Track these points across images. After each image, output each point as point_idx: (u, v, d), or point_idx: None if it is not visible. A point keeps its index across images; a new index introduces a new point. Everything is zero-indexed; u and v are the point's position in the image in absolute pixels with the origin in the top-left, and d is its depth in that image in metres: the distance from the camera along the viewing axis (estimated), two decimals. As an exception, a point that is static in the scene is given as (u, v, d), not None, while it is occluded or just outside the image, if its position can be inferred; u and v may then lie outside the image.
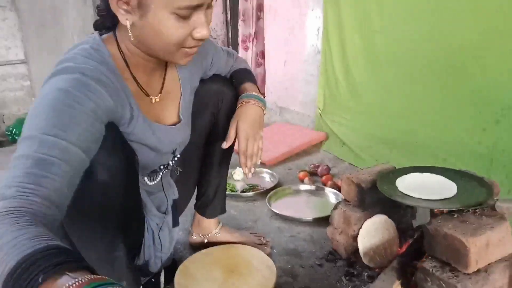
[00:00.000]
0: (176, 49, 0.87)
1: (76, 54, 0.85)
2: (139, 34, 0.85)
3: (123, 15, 0.82)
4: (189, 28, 0.83)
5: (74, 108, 0.73)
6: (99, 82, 0.81)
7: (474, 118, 1.69)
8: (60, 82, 0.76)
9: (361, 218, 1.30)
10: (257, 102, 1.20)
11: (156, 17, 0.80)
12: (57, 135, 0.69)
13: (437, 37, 1.80)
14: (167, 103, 1.07)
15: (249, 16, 3.52)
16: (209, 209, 1.43)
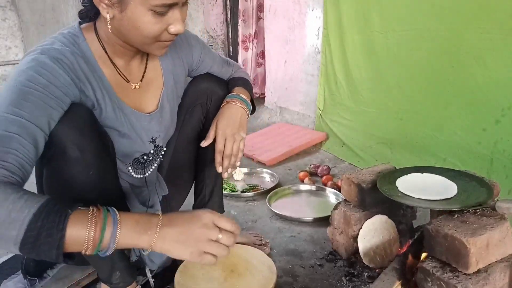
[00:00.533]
0: (152, 42, 0.92)
1: (51, 37, 0.92)
2: (118, 26, 0.91)
3: (104, 8, 0.88)
4: (165, 23, 0.89)
5: (25, 86, 0.80)
6: (56, 60, 0.86)
7: (474, 118, 1.69)
8: (21, 64, 0.84)
9: (361, 218, 1.30)
10: (240, 103, 1.20)
11: (134, 12, 0.86)
12: (12, 112, 0.76)
13: (438, 37, 1.80)
14: (148, 92, 1.10)
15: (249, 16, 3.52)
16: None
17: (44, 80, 0.82)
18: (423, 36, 1.87)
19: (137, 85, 1.06)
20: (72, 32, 0.94)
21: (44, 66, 0.83)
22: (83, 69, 0.92)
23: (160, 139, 1.16)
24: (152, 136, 1.12)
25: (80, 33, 0.95)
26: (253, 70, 3.60)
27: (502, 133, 1.58)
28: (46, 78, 0.83)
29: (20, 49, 3.31)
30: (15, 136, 0.75)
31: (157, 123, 1.12)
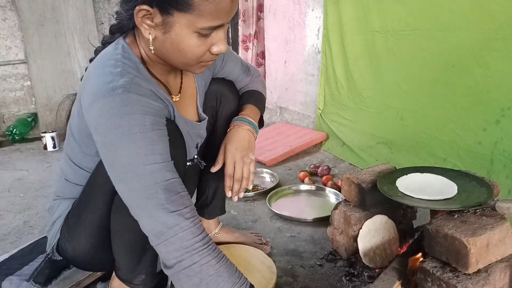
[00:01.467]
0: (194, 62, 0.91)
1: (108, 66, 0.87)
2: (159, 47, 0.88)
3: (146, 29, 0.85)
4: (208, 44, 0.87)
5: (144, 131, 0.80)
6: (141, 93, 0.84)
7: (474, 118, 1.69)
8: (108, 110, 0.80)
9: (362, 218, 1.30)
10: (248, 126, 1.19)
11: (179, 35, 0.84)
12: (156, 160, 0.80)
13: (437, 37, 1.80)
14: (186, 103, 1.11)
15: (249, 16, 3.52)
16: (208, 210, 1.43)
17: (149, 117, 0.82)
18: (423, 36, 1.87)
19: (177, 98, 1.05)
20: (127, 56, 0.90)
21: (139, 103, 0.81)
22: (153, 91, 0.90)
23: (200, 143, 1.21)
24: (197, 142, 1.17)
25: (133, 54, 0.92)
26: (253, 70, 3.60)
27: (502, 133, 1.58)
28: (148, 113, 0.82)
29: (20, 49, 3.32)
30: (174, 180, 0.82)
31: (204, 130, 1.17)
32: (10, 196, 2.12)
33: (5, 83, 3.36)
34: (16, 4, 3.12)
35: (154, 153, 0.80)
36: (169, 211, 0.78)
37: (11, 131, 3.17)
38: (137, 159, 0.79)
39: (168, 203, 0.79)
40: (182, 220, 0.79)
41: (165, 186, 0.79)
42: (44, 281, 1.20)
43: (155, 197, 0.79)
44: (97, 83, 0.85)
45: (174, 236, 0.79)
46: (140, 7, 0.81)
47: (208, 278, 0.79)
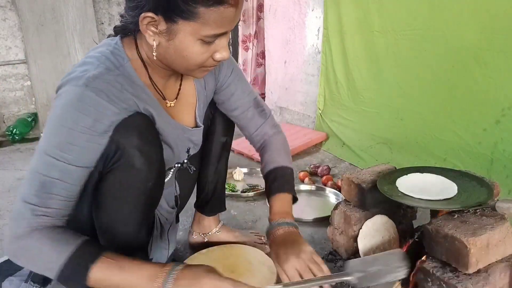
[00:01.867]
0: (197, 68, 0.92)
1: (95, 56, 0.91)
2: (163, 52, 0.90)
3: (150, 36, 0.86)
4: (211, 51, 0.88)
5: (71, 129, 0.83)
6: (101, 92, 0.85)
7: (474, 118, 1.69)
8: (65, 96, 0.84)
9: (362, 218, 1.30)
10: (293, 229, 1.04)
11: (183, 42, 0.85)
12: (56, 155, 0.83)
13: (437, 37, 1.80)
14: (182, 109, 1.11)
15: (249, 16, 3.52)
16: (208, 207, 1.43)
17: (90, 119, 0.83)
18: (423, 36, 1.87)
19: (172, 103, 1.06)
20: (116, 53, 0.93)
21: (90, 102, 0.83)
22: (131, 91, 0.92)
23: (193, 150, 1.20)
24: (187, 147, 1.16)
25: (123, 52, 0.93)
26: (253, 70, 3.60)
27: (503, 133, 1.58)
28: (92, 116, 0.83)
29: (20, 49, 3.32)
30: (57, 181, 0.83)
31: (196, 137, 1.17)
32: (10, 196, 2.12)
33: (5, 83, 3.36)
34: (16, 4, 3.12)
35: (63, 150, 0.83)
36: (28, 201, 0.83)
37: (11, 131, 3.17)
38: (47, 145, 0.84)
39: (33, 194, 0.83)
40: (27, 211, 0.82)
41: (44, 180, 0.83)
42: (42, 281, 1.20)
43: (31, 184, 0.83)
44: (74, 69, 0.89)
45: (14, 222, 0.84)
46: (145, 14, 0.82)
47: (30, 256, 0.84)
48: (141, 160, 0.90)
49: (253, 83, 3.62)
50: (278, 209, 1.09)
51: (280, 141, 1.23)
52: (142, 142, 0.90)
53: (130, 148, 0.89)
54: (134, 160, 0.90)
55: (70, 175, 0.84)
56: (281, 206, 1.10)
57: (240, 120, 1.24)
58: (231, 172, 2.14)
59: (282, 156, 1.19)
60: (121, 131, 0.88)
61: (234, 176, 2.17)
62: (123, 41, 0.96)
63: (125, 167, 0.90)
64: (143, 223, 1.00)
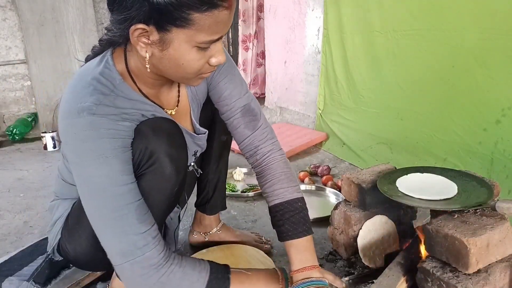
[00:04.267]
0: (194, 76, 0.89)
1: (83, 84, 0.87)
2: (157, 63, 0.86)
3: (142, 47, 0.83)
4: (207, 57, 0.86)
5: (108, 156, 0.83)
6: (108, 115, 0.84)
7: (474, 118, 1.69)
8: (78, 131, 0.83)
9: (362, 218, 1.30)
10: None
11: (178, 50, 0.82)
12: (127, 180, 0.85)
13: (437, 37, 1.80)
14: (181, 116, 1.10)
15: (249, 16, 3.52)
16: (209, 206, 1.43)
17: (120, 140, 0.84)
18: (423, 36, 1.87)
19: (173, 111, 1.05)
20: (107, 73, 0.89)
21: (106, 126, 0.83)
22: (132, 107, 0.90)
23: (199, 152, 1.22)
24: (194, 150, 1.18)
25: (115, 71, 0.90)
26: (253, 70, 3.60)
27: (503, 133, 1.58)
28: (119, 136, 0.84)
29: (20, 49, 3.32)
30: (140, 201, 0.86)
31: (202, 142, 1.18)
32: (10, 196, 2.12)
33: (5, 83, 3.36)
34: (16, 4, 3.12)
35: (124, 173, 0.84)
36: (140, 231, 0.83)
37: (11, 131, 3.17)
38: (109, 181, 0.83)
39: (140, 223, 0.83)
40: (150, 239, 0.84)
41: (136, 206, 0.84)
42: (43, 281, 1.20)
43: (126, 217, 0.83)
44: (68, 101, 0.85)
45: (141, 255, 0.83)
46: (136, 26, 0.78)
47: (177, 282, 0.86)
48: (171, 166, 0.91)
49: (253, 83, 3.62)
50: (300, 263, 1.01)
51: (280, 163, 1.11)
52: (172, 148, 0.91)
53: (162, 154, 0.90)
54: (165, 166, 0.91)
55: (137, 191, 0.87)
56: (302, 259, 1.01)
57: (228, 126, 1.15)
58: (231, 172, 2.14)
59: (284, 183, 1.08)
60: (150, 136, 0.89)
61: (234, 176, 2.17)
62: (113, 56, 0.92)
63: (156, 173, 0.91)
64: (161, 226, 1.02)
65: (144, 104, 0.94)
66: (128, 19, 0.78)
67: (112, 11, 0.82)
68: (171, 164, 0.91)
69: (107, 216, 0.83)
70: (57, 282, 1.23)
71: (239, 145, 1.15)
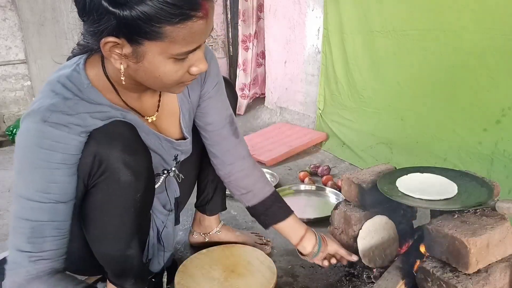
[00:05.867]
0: (174, 85, 0.86)
1: (48, 86, 0.86)
2: (134, 75, 0.83)
3: (116, 60, 0.79)
4: (186, 66, 0.82)
5: (45, 168, 0.80)
6: (62, 126, 0.81)
7: (474, 118, 1.69)
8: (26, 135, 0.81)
9: (362, 218, 1.30)
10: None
11: (152, 63, 0.78)
12: (41, 199, 0.82)
13: (438, 37, 1.80)
14: (166, 121, 1.07)
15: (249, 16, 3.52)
16: (209, 206, 1.43)
17: (59, 154, 0.81)
18: (423, 36, 1.87)
19: (153, 118, 1.01)
20: (75, 76, 0.87)
21: (52, 137, 0.79)
22: (97, 115, 0.86)
23: (181, 156, 1.17)
24: (175, 154, 1.13)
25: (84, 75, 0.87)
26: (253, 70, 3.60)
27: (503, 133, 1.58)
28: (60, 150, 0.80)
29: (20, 49, 3.32)
30: (48, 223, 0.83)
31: (184, 148, 1.14)
32: (10, 196, 2.12)
33: (5, 83, 3.36)
34: (16, 4, 3.12)
35: (46, 191, 0.81)
36: (22, 249, 0.82)
37: (11, 131, 3.17)
38: (27, 190, 0.82)
39: (28, 243, 0.82)
40: (25, 261, 0.82)
41: (34, 226, 0.82)
42: None
43: (21, 232, 0.82)
44: (37, 98, 0.85)
45: (13, 270, 0.83)
46: (106, 39, 0.74)
47: None
48: (127, 172, 0.86)
49: (253, 83, 3.62)
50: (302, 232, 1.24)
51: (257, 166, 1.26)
52: (127, 154, 0.85)
53: (114, 161, 0.84)
54: (119, 174, 0.85)
55: (60, 213, 0.84)
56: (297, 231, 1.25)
57: (213, 137, 1.18)
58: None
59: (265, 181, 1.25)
60: (102, 142, 0.84)
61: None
62: (87, 60, 0.89)
63: (111, 181, 0.86)
64: (134, 234, 0.97)
65: (113, 109, 0.90)
66: (98, 32, 0.74)
67: (83, 22, 0.77)
68: (126, 170, 0.85)
69: (13, 222, 0.84)
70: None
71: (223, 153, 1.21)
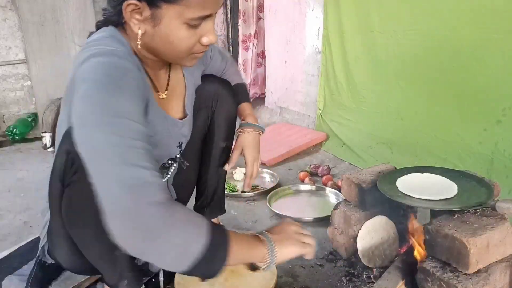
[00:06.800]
0: (186, 55, 0.91)
1: (101, 40, 0.87)
2: (149, 41, 0.88)
3: (135, 24, 0.85)
4: (198, 35, 0.87)
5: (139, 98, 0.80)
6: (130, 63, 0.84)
7: (475, 118, 1.69)
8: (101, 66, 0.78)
9: (362, 218, 1.30)
10: (258, 130, 1.31)
11: (168, 27, 0.84)
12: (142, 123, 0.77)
13: (438, 37, 1.80)
14: (173, 99, 1.10)
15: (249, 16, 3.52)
16: (208, 210, 1.43)
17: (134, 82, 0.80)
18: (423, 36, 1.87)
19: (164, 95, 1.05)
20: (121, 41, 0.90)
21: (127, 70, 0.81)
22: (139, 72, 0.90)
23: (185, 143, 1.19)
24: (179, 141, 1.15)
25: (124, 39, 0.91)
26: (253, 70, 3.60)
27: (503, 133, 1.58)
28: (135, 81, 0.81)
29: (20, 49, 3.32)
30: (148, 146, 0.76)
31: (186, 128, 1.15)
32: (10, 196, 2.12)
33: (5, 83, 3.36)
34: (16, 4, 3.12)
35: (143, 117, 0.79)
36: (149, 167, 0.73)
37: (11, 131, 3.17)
38: (130, 115, 0.75)
39: (148, 161, 0.73)
40: (157, 177, 0.74)
41: (148, 148, 0.76)
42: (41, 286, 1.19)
43: (137, 151, 0.73)
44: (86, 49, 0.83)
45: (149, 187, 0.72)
46: (128, 1, 0.82)
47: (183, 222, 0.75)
48: None
49: (253, 83, 3.62)
50: (245, 111, 1.33)
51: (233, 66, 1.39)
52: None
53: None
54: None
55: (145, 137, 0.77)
56: (246, 108, 1.34)
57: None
58: (231, 172, 2.14)
59: (233, 71, 1.36)
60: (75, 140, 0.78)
61: (234, 176, 2.17)
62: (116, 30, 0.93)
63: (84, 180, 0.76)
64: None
65: (143, 76, 0.93)
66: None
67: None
68: None
69: (116, 144, 0.72)
70: (58, 283, 1.23)
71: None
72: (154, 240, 0.70)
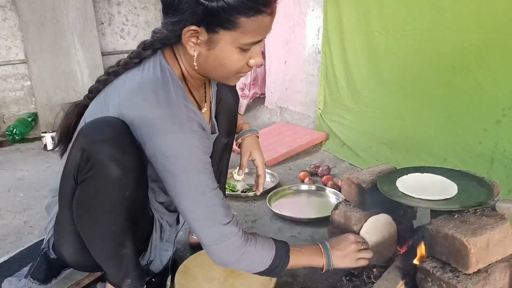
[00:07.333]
0: (233, 75, 0.98)
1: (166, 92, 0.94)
2: (202, 62, 0.95)
3: (191, 47, 0.92)
4: (247, 58, 0.95)
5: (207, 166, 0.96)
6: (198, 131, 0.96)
7: (475, 118, 1.69)
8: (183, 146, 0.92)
9: (362, 218, 1.30)
10: (255, 133, 1.37)
11: (223, 51, 0.91)
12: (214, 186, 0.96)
13: (438, 37, 1.80)
14: (207, 116, 1.16)
15: (249, 16, 3.52)
16: None
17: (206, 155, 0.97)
18: (423, 36, 1.87)
19: (205, 109, 1.13)
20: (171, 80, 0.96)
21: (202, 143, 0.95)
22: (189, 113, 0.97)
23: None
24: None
25: (175, 77, 0.97)
26: (253, 70, 3.60)
27: (503, 133, 1.58)
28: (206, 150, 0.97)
29: (20, 49, 3.32)
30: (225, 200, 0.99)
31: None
32: (10, 196, 2.12)
33: (5, 83, 3.36)
34: (16, 4, 3.12)
35: (213, 180, 0.96)
36: (226, 222, 0.95)
37: (11, 131, 3.17)
38: (206, 186, 0.94)
39: (225, 216, 0.95)
40: (233, 228, 0.97)
41: (223, 204, 0.96)
42: (43, 278, 1.19)
43: (217, 213, 0.95)
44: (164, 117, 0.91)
45: (227, 240, 0.96)
46: (189, 27, 0.88)
47: (252, 258, 1.01)
48: (115, 168, 0.89)
49: (253, 83, 3.62)
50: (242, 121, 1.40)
51: None
52: (115, 150, 0.88)
53: (101, 157, 0.88)
54: (107, 170, 0.88)
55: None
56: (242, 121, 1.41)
57: None
58: (231, 172, 2.14)
59: None
60: (90, 137, 0.89)
61: (234, 176, 2.16)
62: (165, 54, 0.99)
63: (98, 177, 0.89)
64: (127, 233, 0.98)
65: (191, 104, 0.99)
66: (183, 21, 0.88)
67: (167, 14, 0.91)
68: (114, 166, 0.88)
69: (202, 211, 0.94)
70: (58, 281, 1.23)
71: None
72: (239, 263, 1.01)
